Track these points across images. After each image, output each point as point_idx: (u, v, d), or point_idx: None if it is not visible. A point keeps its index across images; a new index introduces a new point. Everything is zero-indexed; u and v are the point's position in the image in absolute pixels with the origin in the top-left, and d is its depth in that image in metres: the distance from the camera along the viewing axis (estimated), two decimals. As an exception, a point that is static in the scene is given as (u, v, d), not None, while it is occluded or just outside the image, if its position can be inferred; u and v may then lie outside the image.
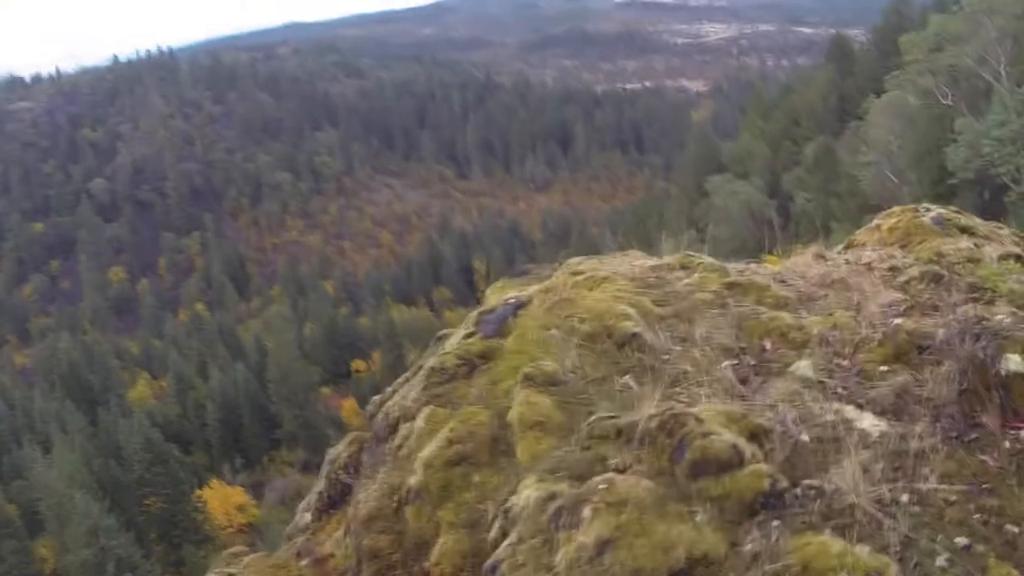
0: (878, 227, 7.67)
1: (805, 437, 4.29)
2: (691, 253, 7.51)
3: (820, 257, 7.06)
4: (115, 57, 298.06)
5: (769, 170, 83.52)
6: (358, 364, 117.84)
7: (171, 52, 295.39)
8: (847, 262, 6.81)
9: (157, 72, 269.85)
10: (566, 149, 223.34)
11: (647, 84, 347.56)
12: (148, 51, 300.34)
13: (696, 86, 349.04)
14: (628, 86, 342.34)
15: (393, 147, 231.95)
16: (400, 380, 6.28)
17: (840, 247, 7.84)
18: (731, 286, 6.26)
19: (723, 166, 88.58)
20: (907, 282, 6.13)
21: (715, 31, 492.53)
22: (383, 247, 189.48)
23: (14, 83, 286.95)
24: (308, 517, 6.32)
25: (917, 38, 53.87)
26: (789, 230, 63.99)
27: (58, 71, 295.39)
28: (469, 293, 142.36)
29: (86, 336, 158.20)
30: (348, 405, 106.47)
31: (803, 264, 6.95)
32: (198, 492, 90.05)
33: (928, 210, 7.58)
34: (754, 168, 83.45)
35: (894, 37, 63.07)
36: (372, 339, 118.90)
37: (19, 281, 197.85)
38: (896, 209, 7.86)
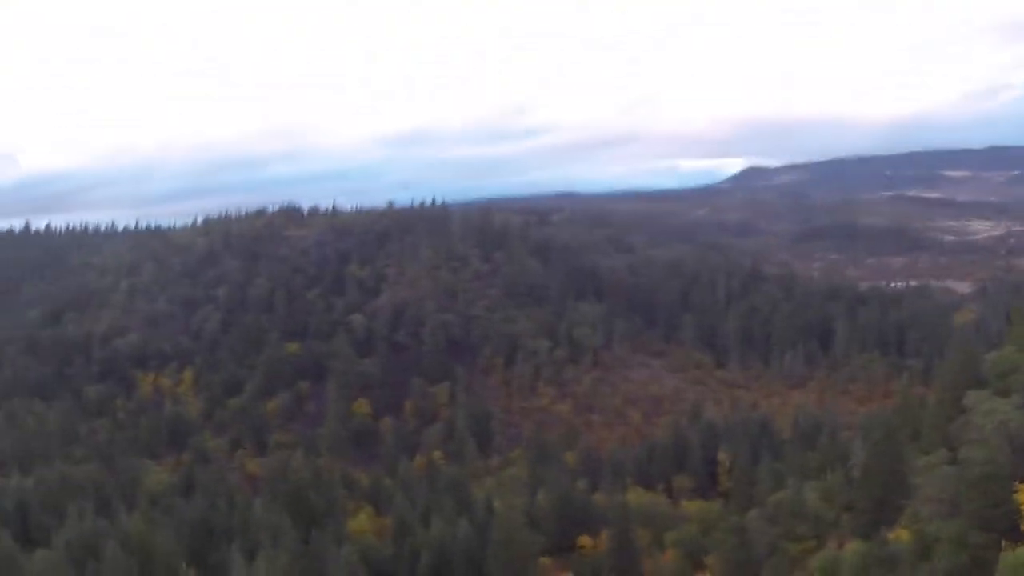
0: None
1: None
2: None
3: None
4: (390, 203, 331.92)
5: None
6: (584, 540, 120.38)
7: (444, 205, 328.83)
8: None
9: (429, 223, 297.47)
10: (826, 346, 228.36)
11: (912, 283, 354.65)
12: (423, 202, 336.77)
13: (962, 287, 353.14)
14: (893, 284, 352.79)
15: (655, 326, 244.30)
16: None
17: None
18: None
19: (984, 379, 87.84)
20: None
21: (983, 229, 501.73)
22: (631, 426, 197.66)
23: (292, 212, 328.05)
24: None
25: None
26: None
27: (334, 207, 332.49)
28: (710, 485, 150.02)
29: (319, 459, 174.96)
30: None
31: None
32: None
33: None
34: (1017, 385, 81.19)
35: None
36: (603, 517, 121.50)
37: (266, 395, 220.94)
38: None
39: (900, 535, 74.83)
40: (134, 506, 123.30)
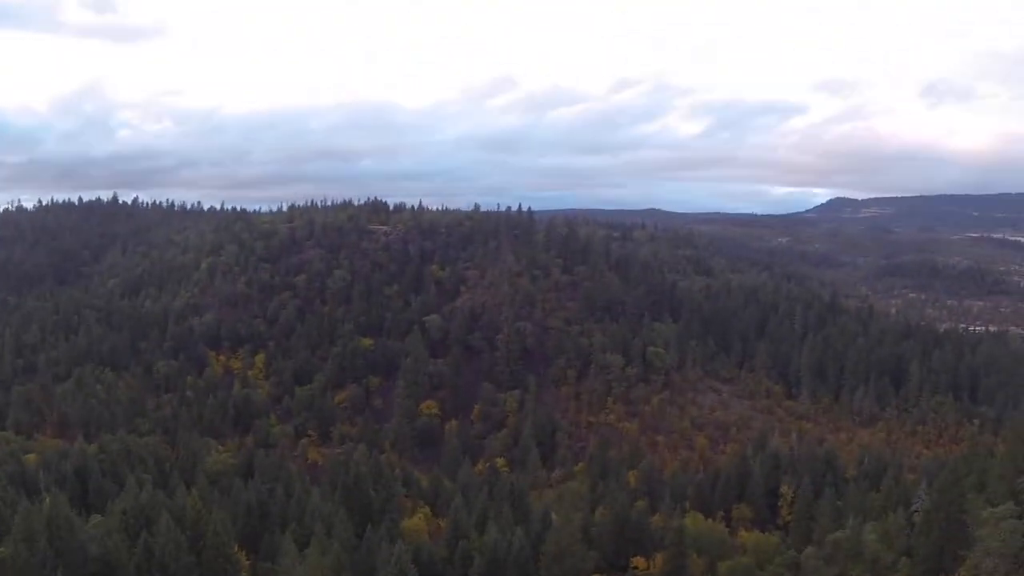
0: None
1: None
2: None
3: None
4: (476, 206, 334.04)
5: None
6: (639, 561, 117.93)
7: (530, 213, 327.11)
8: None
9: (513, 229, 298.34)
10: (898, 385, 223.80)
11: (992, 328, 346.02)
12: (509, 207, 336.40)
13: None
14: (972, 327, 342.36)
15: (728, 351, 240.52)
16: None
17: None
18: None
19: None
20: None
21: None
22: (695, 450, 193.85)
23: (378, 207, 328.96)
24: None
25: None
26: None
27: (420, 204, 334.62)
28: (770, 517, 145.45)
29: (382, 455, 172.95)
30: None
31: None
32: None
33: None
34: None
35: None
36: (660, 540, 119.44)
37: (336, 386, 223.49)
38: None
39: (958, 586, 71.61)
40: (192, 483, 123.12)
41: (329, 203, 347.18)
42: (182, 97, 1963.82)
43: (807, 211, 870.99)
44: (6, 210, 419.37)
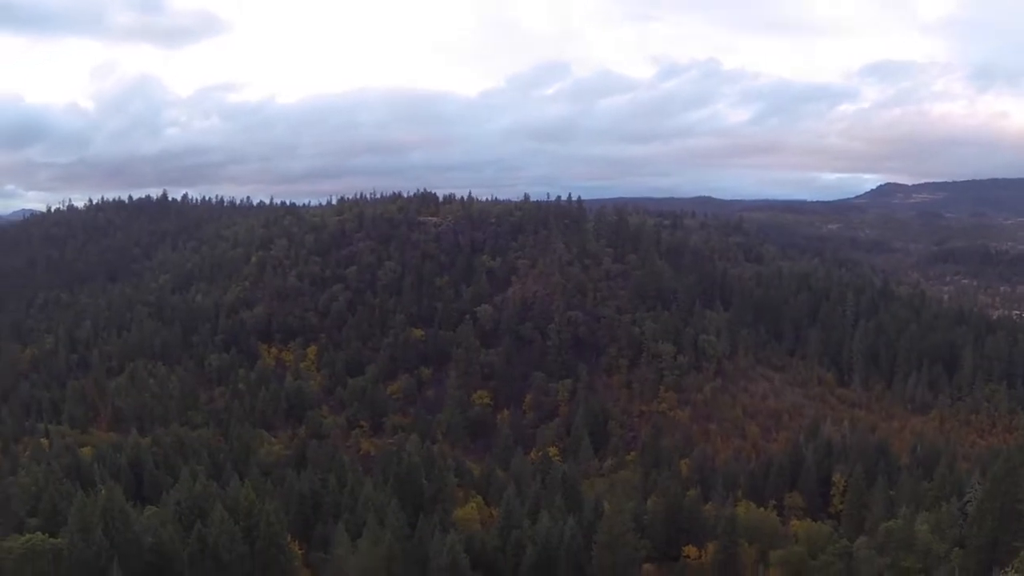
0: None
1: None
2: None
3: None
4: (526, 196, 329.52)
5: None
6: (690, 550, 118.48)
7: (580, 202, 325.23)
8: None
9: (563, 218, 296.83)
10: (951, 373, 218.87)
11: None
12: (559, 197, 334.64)
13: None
14: None
15: (780, 339, 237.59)
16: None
17: None
18: None
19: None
20: None
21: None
22: (748, 439, 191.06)
23: (427, 199, 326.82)
24: None
25: None
26: None
27: (470, 195, 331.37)
28: (821, 506, 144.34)
29: (434, 445, 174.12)
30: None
31: None
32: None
33: None
34: None
35: None
36: (711, 529, 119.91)
37: (388, 377, 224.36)
38: None
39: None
40: (245, 474, 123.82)
41: (378, 196, 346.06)
42: (229, 93, 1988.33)
43: (857, 197, 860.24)
44: (57, 209, 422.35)
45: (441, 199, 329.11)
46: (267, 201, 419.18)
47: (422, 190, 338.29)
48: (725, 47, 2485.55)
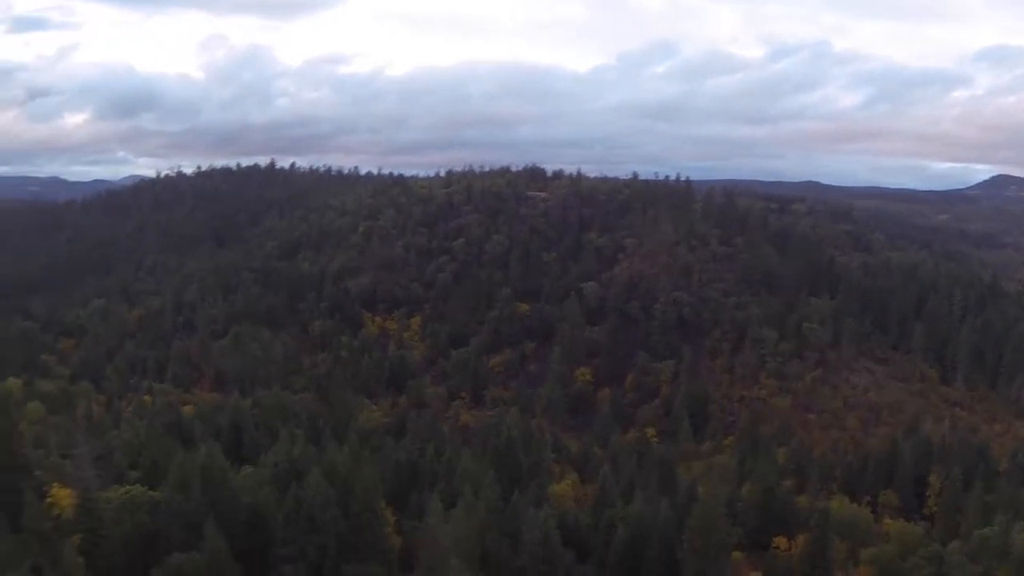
0: None
1: None
2: None
3: None
4: (635, 174, 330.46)
5: None
6: (780, 541, 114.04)
7: (688, 182, 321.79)
8: None
9: (672, 199, 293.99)
10: None
11: None
12: (667, 176, 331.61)
13: None
14: None
15: (884, 331, 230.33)
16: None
17: None
18: None
19: None
20: None
21: None
22: (847, 431, 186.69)
23: (536, 173, 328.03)
24: None
25: None
26: None
27: (579, 172, 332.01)
28: (916, 507, 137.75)
29: (533, 420, 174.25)
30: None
31: None
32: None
33: None
34: None
35: None
36: (803, 521, 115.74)
37: (491, 350, 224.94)
38: None
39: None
40: (344, 440, 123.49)
41: (487, 169, 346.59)
42: (339, 65, 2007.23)
43: (968, 188, 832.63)
44: (167, 176, 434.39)
45: (550, 174, 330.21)
46: (375, 172, 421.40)
47: (531, 165, 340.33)
48: (836, 28, 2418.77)
